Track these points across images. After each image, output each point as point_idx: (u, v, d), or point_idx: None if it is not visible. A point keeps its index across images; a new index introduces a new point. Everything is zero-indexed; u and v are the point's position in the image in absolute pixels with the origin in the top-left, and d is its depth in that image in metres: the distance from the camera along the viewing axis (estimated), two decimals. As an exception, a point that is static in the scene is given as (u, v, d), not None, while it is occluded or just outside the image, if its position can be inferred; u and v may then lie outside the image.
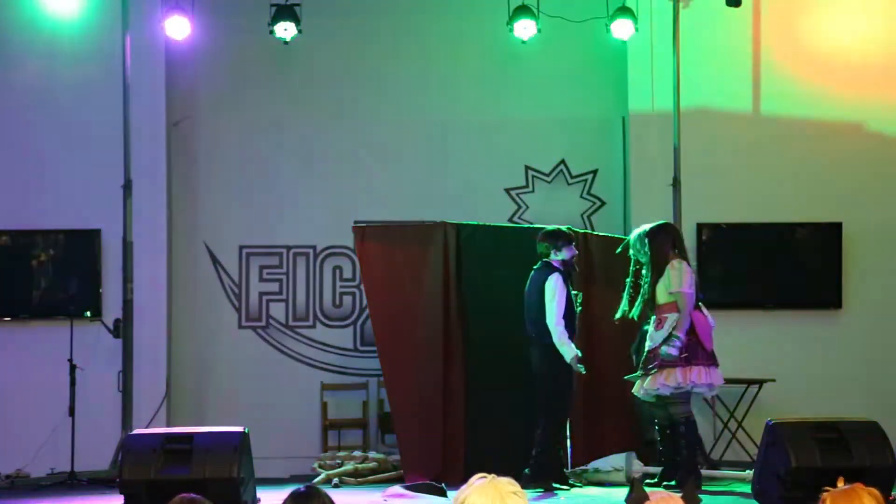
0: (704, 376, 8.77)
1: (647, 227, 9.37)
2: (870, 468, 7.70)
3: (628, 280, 9.32)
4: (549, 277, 9.00)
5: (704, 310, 8.95)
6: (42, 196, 11.12)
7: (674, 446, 8.95)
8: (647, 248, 9.05)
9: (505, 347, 9.72)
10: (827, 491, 3.40)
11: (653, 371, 8.80)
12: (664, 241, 9.00)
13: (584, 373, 9.04)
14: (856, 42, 11.43)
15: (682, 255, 9.01)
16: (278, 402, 11.32)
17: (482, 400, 9.72)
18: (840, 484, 3.43)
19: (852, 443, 7.90)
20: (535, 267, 9.24)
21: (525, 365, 9.42)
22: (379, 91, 11.68)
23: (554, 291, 8.96)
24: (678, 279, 8.82)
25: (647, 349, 8.96)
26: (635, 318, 9.20)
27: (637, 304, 9.13)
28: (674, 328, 8.76)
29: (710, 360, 8.82)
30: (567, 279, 9.11)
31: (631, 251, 9.48)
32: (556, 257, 9.11)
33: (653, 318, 8.98)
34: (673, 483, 8.70)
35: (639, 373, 9.01)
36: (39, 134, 11.16)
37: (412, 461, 9.66)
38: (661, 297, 8.89)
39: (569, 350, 8.91)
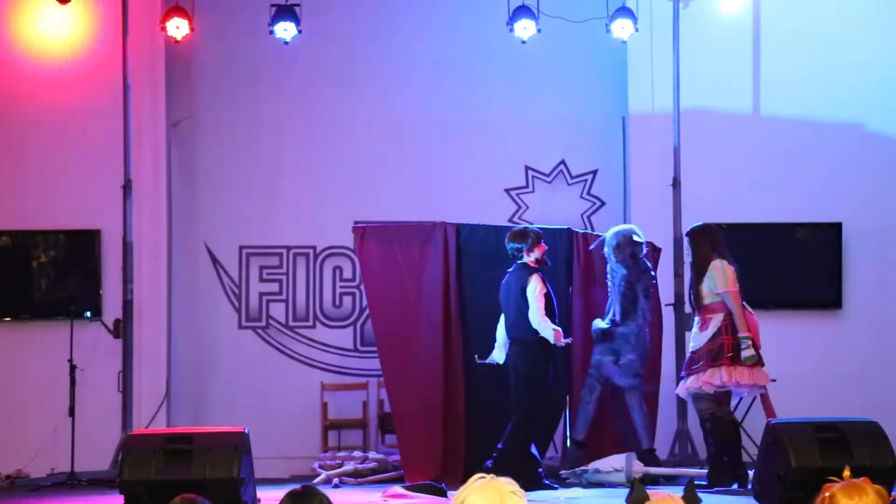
0: (748, 376, 8.74)
1: (621, 227, 9.62)
2: (870, 468, 7.69)
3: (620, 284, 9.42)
4: (531, 278, 9.03)
5: (748, 308, 8.95)
6: (42, 196, 11.12)
7: (737, 443, 9.00)
8: (625, 250, 9.25)
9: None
10: (832, 482, 3.37)
11: (696, 371, 8.82)
12: (705, 242, 8.99)
13: (565, 344, 9.20)
14: (856, 42, 11.43)
15: (723, 256, 8.98)
16: (278, 403, 11.32)
17: (482, 400, 9.72)
18: (846, 474, 3.40)
19: (852, 443, 7.89)
20: (508, 269, 9.29)
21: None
22: (378, 91, 11.68)
23: (536, 291, 9.00)
24: (723, 279, 8.79)
25: (691, 350, 8.95)
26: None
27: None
28: (719, 329, 8.73)
29: (757, 360, 8.80)
30: (545, 277, 9.16)
31: (606, 250, 9.49)
32: (530, 257, 9.14)
33: (696, 319, 8.96)
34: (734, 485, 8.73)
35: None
36: (39, 134, 11.16)
37: (412, 461, 9.66)
38: (707, 297, 8.86)
39: (551, 332, 9.00)
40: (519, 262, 9.21)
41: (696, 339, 8.90)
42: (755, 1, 11.41)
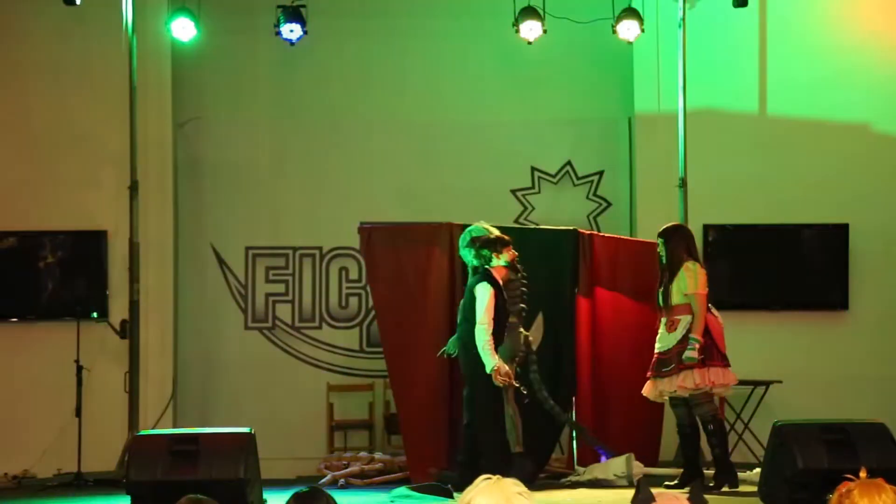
0: (721, 377, 8.76)
1: (481, 225, 9.24)
2: (877, 470, 7.66)
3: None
4: (478, 287, 8.92)
5: (714, 310, 8.94)
6: (48, 197, 11.14)
7: (694, 448, 8.95)
8: (477, 247, 9.01)
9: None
10: (848, 480, 3.36)
11: (667, 373, 8.79)
12: (678, 243, 8.98)
13: (497, 386, 8.90)
14: (862, 42, 11.42)
15: (695, 257, 9.00)
16: (284, 403, 11.32)
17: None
18: (863, 474, 3.40)
19: (859, 444, 7.87)
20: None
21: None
22: (385, 92, 11.68)
23: (483, 304, 8.88)
24: (693, 280, 8.80)
25: (658, 351, 8.93)
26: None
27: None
28: (688, 331, 8.75)
29: (725, 361, 8.82)
30: (500, 287, 9.04)
31: (461, 251, 9.29)
32: (498, 262, 9.06)
33: (664, 320, 8.95)
34: (711, 485, 8.71)
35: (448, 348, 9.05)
36: (46, 135, 11.17)
37: (418, 462, 9.66)
38: (675, 298, 8.86)
39: (490, 360, 8.85)
40: (485, 267, 9.13)
41: (663, 339, 8.88)
42: (762, 1, 11.39)
